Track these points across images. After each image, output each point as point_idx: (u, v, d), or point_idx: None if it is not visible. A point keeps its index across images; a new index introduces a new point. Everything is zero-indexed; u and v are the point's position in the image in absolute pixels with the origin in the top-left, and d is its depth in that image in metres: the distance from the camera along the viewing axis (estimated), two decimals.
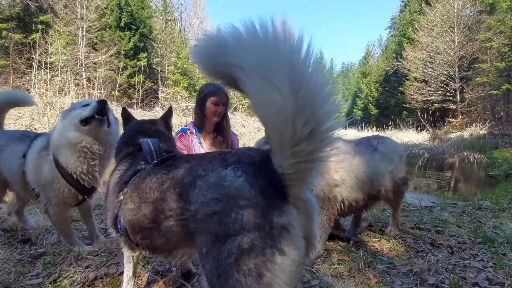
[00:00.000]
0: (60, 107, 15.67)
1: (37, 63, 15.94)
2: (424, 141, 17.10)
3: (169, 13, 31.91)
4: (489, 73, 15.78)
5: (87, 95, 19.23)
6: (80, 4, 19.45)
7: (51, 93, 15.71)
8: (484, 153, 11.12)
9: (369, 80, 38.74)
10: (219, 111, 2.02)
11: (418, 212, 2.93)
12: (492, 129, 14.75)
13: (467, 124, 17.96)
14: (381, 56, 38.80)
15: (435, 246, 1.92)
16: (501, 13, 14.02)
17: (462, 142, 14.13)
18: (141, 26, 24.30)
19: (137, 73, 22.63)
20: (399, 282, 1.46)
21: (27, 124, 13.93)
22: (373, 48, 51.03)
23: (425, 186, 6.83)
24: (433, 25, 22.36)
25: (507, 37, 13.84)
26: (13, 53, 16.40)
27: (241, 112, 35.92)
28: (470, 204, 3.14)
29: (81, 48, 19.56)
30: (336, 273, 1.53)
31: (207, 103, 2.02)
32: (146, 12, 25.89)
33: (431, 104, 21.74)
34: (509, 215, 2.70)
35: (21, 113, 14.50)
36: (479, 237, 2.03)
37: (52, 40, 17.23)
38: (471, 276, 1.51)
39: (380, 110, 33.42)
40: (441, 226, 2.32)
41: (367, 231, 2.22)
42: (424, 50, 22.42)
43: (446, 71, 21.04)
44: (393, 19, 40.15)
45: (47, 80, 16.02)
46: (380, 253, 1.81)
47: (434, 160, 11.43)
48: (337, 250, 1.82)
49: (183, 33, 33.75)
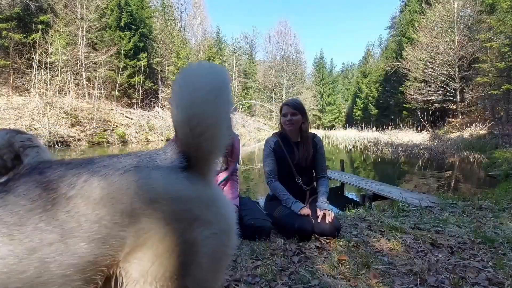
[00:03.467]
0: (60, 107, 15.70)
1: (37, 63, 15.95)
2: (424, 141, 17.09)
3: (168, 13, 31.90)
4: (489, 73, 15.78)
5: (87, 95, 19.25)
6: (80, 4, 19.47)
7: (51, 93, 15.73)
8: (484, 153, 11.12)
9: (369, 80, 38.75)
10: None
11: (418, 212, 2.93)
12: (492, 129, 14.74)
13: (467, 124, 17.96)
14: (381, 56, 38.80)
15: (435, 246, 1.92)
16: (501, 13, 14.02)
17: (462, 142, 14.13)
18: (141, 26, 24.31)
19: (137, 73, 22.64)
20: (399, 282, 1.46)
21: (27, 124, 13.94)
22: (373, 48, 51.09)
23: (425, 186, 6.83)
24: (433, 25, 22.36)
25: (507, 37, 13.83)
26: (13, 53, 16.41)
27: (241, 112, 35.94)
28: (470, 204, 3.14)
29: (81, 48, 19.57)
30: (336, 273, 1.53)
31: None
32: (146, 12, 25.89)
33: (431, 104, 21.75)
34: (509, 215, 2.69)
35: (21, 113, 14.52)
36: (479, 237, 2.03)
37: (52, 40, 17.24)
38: (471, 276, 1.51)
39: (380, 110, 33.44)
40: (441, 226, 2.32)
41: (367, 231, 2.22)
42: (424, 50, 22.42)
43: (446, 71, 21.04)
44: (393, 19, 40.17)
45: (47, 80, 16.03)
46: (380, 253, 1.81)
47: (434, 160, 11.43)
48: (337, 250, 1.83)
49: (183, 33, 33.74)
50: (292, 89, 41.95)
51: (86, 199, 0.59)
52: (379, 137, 20.80)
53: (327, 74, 52.00)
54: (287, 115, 2.22)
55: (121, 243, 0.59)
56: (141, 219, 0.60)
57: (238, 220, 1.91)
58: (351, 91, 50.10)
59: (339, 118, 49.96)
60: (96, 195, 0.60)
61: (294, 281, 1.44)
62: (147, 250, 0.61)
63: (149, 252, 0.61)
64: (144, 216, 0.60)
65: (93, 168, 0.63)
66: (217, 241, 0.66)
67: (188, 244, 0.62)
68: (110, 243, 0.59)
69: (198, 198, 0.66)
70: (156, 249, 0.61)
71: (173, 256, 0.61)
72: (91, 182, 0.61)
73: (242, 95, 39.88)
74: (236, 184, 2.17)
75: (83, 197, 0.59)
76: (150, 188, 0.62)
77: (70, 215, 0.58)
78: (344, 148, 17.93)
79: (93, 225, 0.58)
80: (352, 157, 13.74)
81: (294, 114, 2.21)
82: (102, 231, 0.58)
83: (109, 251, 0.59)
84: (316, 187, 2.36)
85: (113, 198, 0.60)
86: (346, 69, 64.98)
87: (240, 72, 42.07)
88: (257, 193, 6.09)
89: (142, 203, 0.61)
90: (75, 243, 0.57)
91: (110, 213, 0.59)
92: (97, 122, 16.62)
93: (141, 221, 0.60)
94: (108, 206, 0.59)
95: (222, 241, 0.67)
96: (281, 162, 2.25)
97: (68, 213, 0.58)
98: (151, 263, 0.61)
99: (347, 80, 60.85)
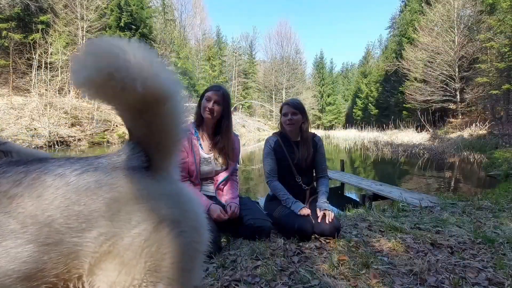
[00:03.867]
0: (60, 107, 15.70)
1: (37, 63, 15.95)
2: (424, 141, 17.10)
3: (168, 13, 31.92)
4: (489, 73, 15.78)
5: None
6: (80, 4, 19.46)
7: (51, 93, 15.72)
8: (484, 153, 11.13)
9: (369, 80, 38.75)
10: (209, 107, 1.97)
11: (418, 212, 2.93)
12: (492, 129, 14.75)
13: (467, 124, 17.97)
14: (381, 56, 38.80)
15: (435, 246, 1.92)
16: (501, 13, 14.03)
17: (462, 142, 14.14)
18: (141, 26, 24.31)
19: None
20: (399, 282, 1.46)
21: (27, 124, 13.94)
22: (373, 48, 51.14)
23: (425, 186, 6.83)
24: (433, 25, 22.37)
25: (507, 37, 13.83)
26: (13, 53, 16.41)
27: (241, 112, 35.93)
28: (470, 204, 3.14)
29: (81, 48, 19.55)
30: (336, 273, 1.53)
31: (203, 99, 2.01)
32: (146, 12, 25.90)
33: (431, 104, 21.76)
34: (509, 215, 2.69)
35: (21, 113, 14.51)
36: (479, 237, 2.03)
37: (52, 40, 17.24)
38: (471, 276, 1.51)
39: (380, 110, 33.44)
40: (441, 226, 2.32)
41: (367, 231, 2.22)
42: (424, 50, 22.44)
43: (446, 71, 21.05)
44: (393, 19, 40.22)
45: (47, 80, 16.02)
46: (380, 253, 1.81)
47: (434, 160, 11.43)
48: (337, 250, 1.83)
49: (183, 33, 33.76)
50: (292, 89, 41.95)
51: (35, 198, 0.52)
52: (379, 137, 20.81)
53: (327, 74, 51.99)
54: (288, 115, 2.22)
55: (75, 250, 0.53)
56: (100, 223, 0.54)
57: (238, 220, 1.92)
58: (351, 91, 50.08)
59: (339, 118, 49.96)
60: (48, 195, 0.53)
61: (294, 281, 1.44)
62: (112, 259, 0.55)
63: (115, 260, 0.55)
64: (104, 220, 0.55)
65: (47, 166, 0.57)
66: (187, 239, 0.62)
67: (156, 246, 0.58)
68: (62, 250, 0.52)
69: (164, 196, 0.62)
70: (122, 256, 0.55)
71: (141, 261, 0.56)
72: (43, 180, 0.54)
73: (242, 95, 39.88)
74: (236, 184, 2.16)
75: (31, 196, 0.52)
76: (112, 188, 0.57)
77: (10, 216, 0.51)
78: (344, 148, 17.94)
79: (43, 228, 0.51)
80: (352, 157, 13.74)
81: (294, 114, 2.21)
82: (53, 235, 0.52)
83: (61, 259, 0.53)
84: (316, 187, 2.37)
85: (68, 199, 0.54)
86: (346, 69, 64.97)
87: (240, 72, 42.07)
88: (257, 193, 6.09)
89: (102, 205, 0.55)
90: (16, 246, 0.50)
91: (64, 216, 0.53)
92: (97, 122, 16.62)
93: (101, 225, 0.54)
94: (62, 208, 0.53)
95: (193, 238, 0.63)
96: (281, 161, 2.25)
97: (7, 214, 0.51)
98: (118, 272, 0.55)
99: (347, 80, 60.83)
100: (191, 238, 0.63)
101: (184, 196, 0.67)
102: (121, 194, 0.57)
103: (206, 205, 1.88)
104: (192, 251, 0.64)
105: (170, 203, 0.62)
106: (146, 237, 0.57)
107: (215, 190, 2.08)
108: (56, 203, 0.53)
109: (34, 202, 0.52)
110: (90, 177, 0.57)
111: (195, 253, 0.65)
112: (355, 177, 6.48)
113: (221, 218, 1.84)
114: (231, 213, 1.88)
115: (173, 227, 0.60)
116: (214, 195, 2.06)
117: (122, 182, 0.59)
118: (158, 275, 0.58)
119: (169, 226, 0.60)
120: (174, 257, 0.60)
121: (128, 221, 0.57)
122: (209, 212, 1.84)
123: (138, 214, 0.58)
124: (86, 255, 0.54)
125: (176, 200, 0.64)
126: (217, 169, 2.06)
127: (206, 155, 2.03)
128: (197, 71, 32.97)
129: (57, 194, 0.54)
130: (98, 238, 0.54)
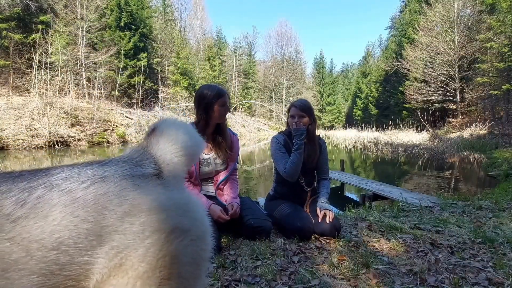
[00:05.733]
0: (60, 107, 15.69)
1: (37, 63, 15.94)
2: (424, 141, 17.10)
3: (168, 13, 31.91)
4: (489, 73, 15.78)
5: (87, 95, 19.25)
6: (80, 4, 19.48)
7: (51, 93, 15.71)
8: (484, 153, 11.13)
9: (369, 80, 38.76)
10: (226, 112, 1.99)
11: (418, 212, 2.93)
12: (492, 129, 14.76)
13: (467, 124, 17.97)
14: (381, 56, 38.79)
15: (435, 246, 1.92)
16: (501, 13, 14.02)
17: (462, 142, 14.14)
18: (141, 26, 24.32)
19: (137, 73, 22.64)
20: (399, 282, 1.46)
21: (27, 124, 13.94)
22: (373, 48, 51.04)
23: (425, 186, 6.83)
24: (433, 25, 22.36)
25: (507, 37, 13.83)
26: (13, 53, 16.42)
27: (241, 112, 35.93)
28: (470, 204, 3.14)
29: (81, 48, 19.57)
30: (336, 273, 1.53)
31: (215, 106, 1.93)
32: (146, 12, 25.90)
33: (431, 104, 21.75)
34: (509, 215, 2.69)
35: (21, 113, 14.51)
36: (479, 237, 2.03)
37: (52, 40, 17.24)
38: (471, 276, 1.51)
39: (380, 110, 33.44)
40: (441, 226, 2.32)
41: (367, 231, 2.22)
42: (424, 50, 22.43)
43: (446, 71, 21.04)
44: (393, 19, 40.20)
45: (47, 80, 16.01)
46: (380, 253, 1.81)
47: (434, 160, 11.43)
48: (337, 250, 1.83)
49: (183, 33, 33.75)
50: (292, 89, 41.94)
51: (41, 220, 0.48)
52: (379, 137, 20.79)
53: (327, 74, 52.00)
54: (295, 117, 2.21)
55: (84, 271, 0.50)
56: (113, 237, 0.52)
57: (238, 220, 1.92)
58: (351, 91, 50.09)
59: (339, 118, 49.97)
60: (56, 214, 0.49)
61: (294, 281, 1.44)
62: (125, 273, 0.53)
63: (129, 274, 0.53)
64: (117, 234, 0.52)
65: (51, 181, 0.53)
66: (196, 247, 0.62)
67: (169, 256, 0.57)
68: (68, 272, 0.49)
69: (174, 205, 0.61)
70: (136, 269, 0.53)
71: (156, 273, 0.55)
72: (49, 198, 0.50)
73: (242, 95, 39.87)
74: (236, 183, 2.16)
75: (37, 217, 0.48)
76: (123, 201, 0.55)
77: (14, 243, 0.46)
78: (344, 148, 17.94)
79: (49, 252, 0.48)
80: (352, 157, 13.74)
81: (301, 117, 2.20)
82: (61, 259, 0.48)
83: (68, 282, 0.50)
84: (317, 188, 2.37)
85: (77, 217, 0.50)
86: (346, 69, 64.97)
87: (240, 72, 42.05)
88: (257, 193, 6.09)
89: (114, 219, 0.53)
90: (20, 277, 0.45)
91: (73, 236, 0.49)
92: (97, 122, 16.62)
93: (113, 239, 0.52)
94: (71, 228, 0.49)
95: (200, 247, 0.63)
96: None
97: (11, 241, 0.46)
98: (132, 285, 0.53)
99: (347, 80, 60.83)
100: (199, 246, 0.63)
101: (192, 204, 0.66)
102: (134, 207, 0.55)
103: (207, 206, 1.87)
104: (200, 259, 0.64)
105: (180, 212, 0.62)
106: (160, 247, 0.56)
107: (215, 190, 2.08)
108: (65, 223, 0.49)
109: (41, 224, 0.48)
110: (98, 189, 0.54)
111: (202, 261, 0.65)
112: (355, 177, 6.48)
113: (222, 219, 1.83)
114: (233, 213, 1.88)
115: (184, 236, 0.60)
116: (214, 195, 2.06)
117: (134, 193, 0.57)
118: (170, 286, 0.58)
119: (180, 235, 0.59)
120: (185, 265, 0.60)
121: (142, 232, 0.55)
122: (210, 213, 1.83)
123: (151, 224, 0.56)
124: (96, 273, 0.52)
125: (185, 209, 0.63)
126: (217, 169, 2.07)
127: (206, 156, 2.03)
128: (197, 71, 32.95)
129: (66, 212, 0.50)
130: (109, 252, 0.52)
